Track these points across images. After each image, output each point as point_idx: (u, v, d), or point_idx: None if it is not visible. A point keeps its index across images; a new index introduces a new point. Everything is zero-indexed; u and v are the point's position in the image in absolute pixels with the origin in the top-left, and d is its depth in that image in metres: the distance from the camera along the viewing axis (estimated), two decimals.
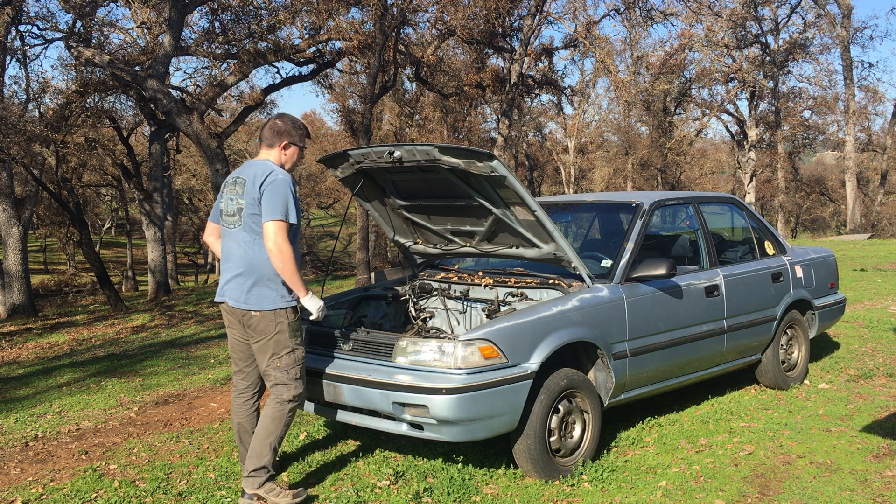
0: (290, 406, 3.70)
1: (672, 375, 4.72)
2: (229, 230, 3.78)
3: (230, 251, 3.76)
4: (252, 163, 3.81)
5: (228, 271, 3.76)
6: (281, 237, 3.58)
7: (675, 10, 23.61)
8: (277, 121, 3.82)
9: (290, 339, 3.69)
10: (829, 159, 41.59)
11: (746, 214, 5.70)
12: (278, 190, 3.61)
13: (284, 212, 3.60)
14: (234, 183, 3.79)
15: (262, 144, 3.83)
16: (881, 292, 9.81)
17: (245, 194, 3.68)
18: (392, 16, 15.65)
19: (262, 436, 3.68)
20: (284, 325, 3.67)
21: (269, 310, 3.65)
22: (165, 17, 14.90)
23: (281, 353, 3.68)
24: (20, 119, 13.47)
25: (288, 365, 3.69)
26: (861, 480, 3.82)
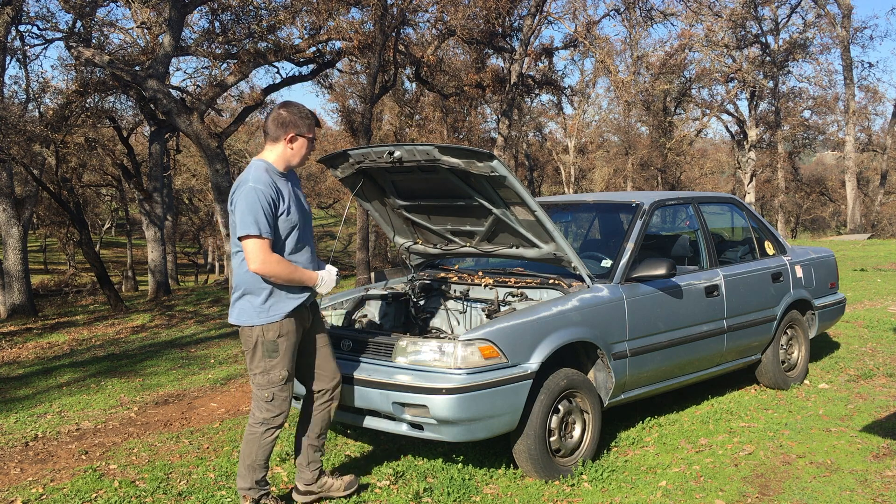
0: (263, 429, 3.53)
1: (672, 375, 4.72)
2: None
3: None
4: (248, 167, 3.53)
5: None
6: (262, 254, 3.34)
7: (675, 10, 23.64)
8: (281, 111, 3.50)
9: (263, 358, 3.45)
10: (829, 159, 41.60)
11: (746, 214, 5.70)
12: (245, 200, 3.34)
13: (256, 226, 3.32)
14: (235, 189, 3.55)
15: (266, 140, 3.54)
16: (881, 292, 9.81)
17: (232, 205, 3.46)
18: (392, 16, 15.65)
19: (244, 455, 3.58)
20: (258, 342, 3.45)
21: (245, 325, 3.47)
22: (165, 17, 14.90)
23: (255, 370, 3.50)
24: (20, 119, 13.48)
25: (260, 385, 3.49)
26: (861, 480, 3.82)
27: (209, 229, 33.74)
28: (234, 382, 6.60)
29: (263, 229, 3.33)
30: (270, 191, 3.38)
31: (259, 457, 3.55)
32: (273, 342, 3.45)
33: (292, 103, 3.57)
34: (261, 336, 3.44)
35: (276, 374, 3.48)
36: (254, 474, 3.55)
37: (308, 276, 3.50)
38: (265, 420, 3.53)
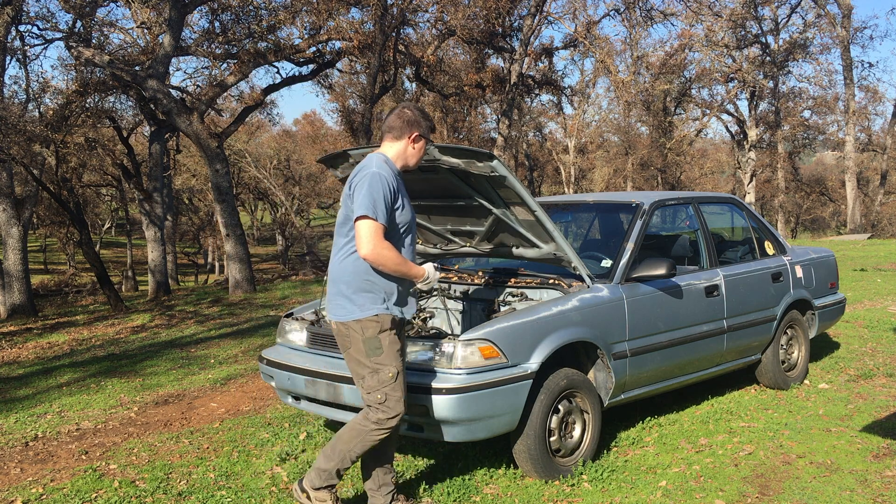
0: (374, 428, 3.33)
1: (672, 375, 4.72)
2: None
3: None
4: (365, 162, 3.41)
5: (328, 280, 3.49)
6: (375, 239, 3.20)
7: (675, 10, 23.65)
8: (406, 110, 3.43)
9: (369, 357, 3.30)
10: (829, 159, 41.60)
11: (746, 214, 5.70)
12: (368, 183, 3.23)
13: (373, 209, 3.19)
14: (348, 185, 3.41)
15: (387, 136, 3.45)
16: (881, 292, 9.81)
17: (344, 198, 3.36)
18: (392, 16, 15.66)
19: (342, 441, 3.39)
20: (362, 340, 3.29)
21: (341, 321, 3.33)
22: (165, 17, 14.91)
23: (363, 372, 3.33)
24: (20, 119, 13.48)
25: (371, 387, 3.31)
26: (861, 480, 3.82)
27: (209, 229, 33.76)
28: (234, 382, 6.60)
29: (381, 215, 3.20)
30: (393, 181, 3.30)
31: (358, 451, 3.38)
32: (376, 338, 3.30)
33: (416, 105, 3.56)
34: (360, 332, 3.31)
35: (386, 374, 3.31)
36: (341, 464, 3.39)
37: (416, 270, 3.38)
38: (379, 422, 3.34)
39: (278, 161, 38.23)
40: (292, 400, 4.42)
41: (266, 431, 4.87)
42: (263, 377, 4.61)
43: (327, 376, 4.06)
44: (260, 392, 6.14)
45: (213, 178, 15.94)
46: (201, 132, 15.39)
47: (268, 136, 40.36)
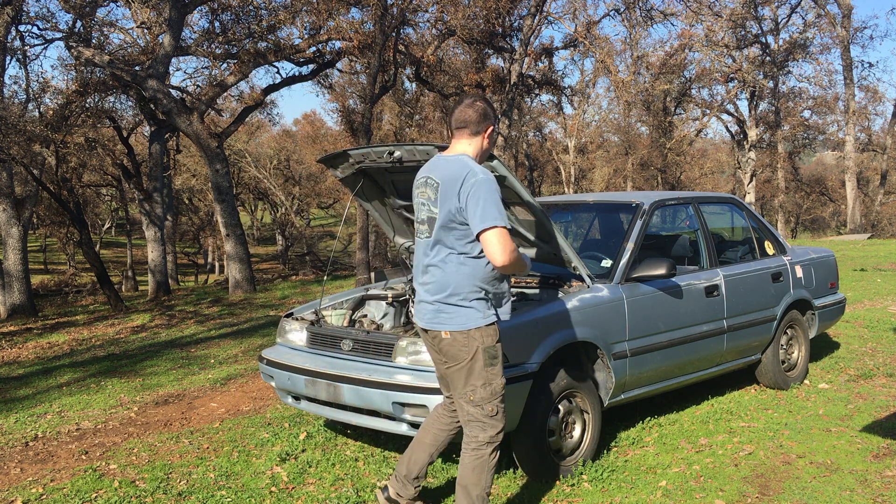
0: (490, 449, 3.16)
1: (672, 375, 4.72)
2: (420, 239, 3.28)
3: (420, 263, 3.27)
4: (444, 160, 3.23)
5: (419, 287, 3.28)
6: (509, 244, 3.03)
7: (675, 10, 23.63)
8: (478, 102, 3.24)
9: (485, 368, 3.14)
10: (829, 159, 41.60)
11: (746, 214, 5.70)
12: (487, 190, 3.04)
13: (501, 216, 3.03)
14: (424, 184, 3.24)
15: (463, 132, 3.23)
16: (881, 292, 9.81)
17: (439, 202, 3.12)
18: (392, 16, 15.65)
19: (465, 492, 3.17)
20: (479, 350, 3.13)
21: (458, 331, 3.12)
22: (165, 17, 14.91)
23: (475, 384, 3.15)
24: (20, 119, 13.48)
25: (483, 399, 3.15)
26: (861, 480, 3.82)
27: (209, 229, 33.75)
28: (234, 382, 6.60)
29: (505, 219, 3.06)
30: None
31: (489, 482, 3.17)
32: (493, 347, 3.15)
33: (483, 96, 3.39)
34: (480, 341, 3.12)
35: (499, 384, 3.18)
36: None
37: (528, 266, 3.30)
38: (491, 439, 3.16)
39: (278, 161, 38.24)
40: (292, 400, 4.42)
41: (266, 431, 4.87)
42: (263, 377, 4.62)
43: (327, 376, 4.06)
44: (260, 392, 6.14)
45: (213, 178, 15.95)
46: (201, 132, 15.39)
47: (268, 136, 40.37)
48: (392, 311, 4.92)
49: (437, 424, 3.47)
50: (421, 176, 3.29)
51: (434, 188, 3.17)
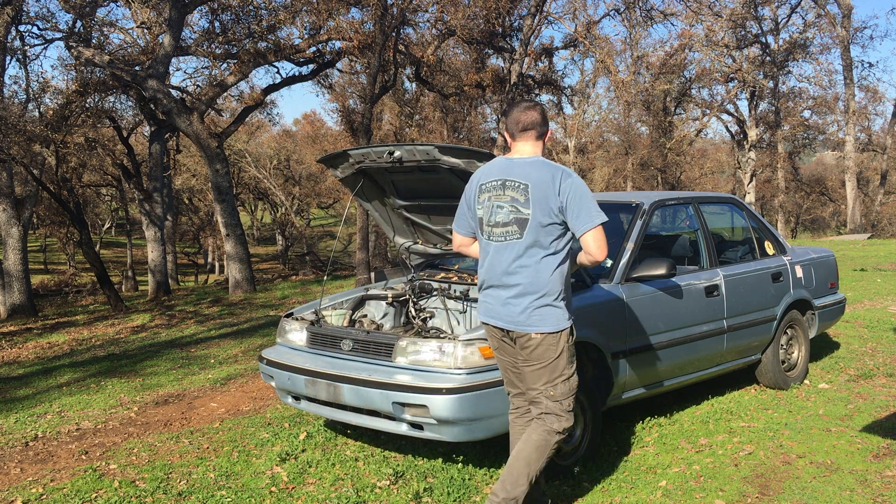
0: (558, 438, 3.28)
1: (672, 375, 4.72)
2: (499, 242, 3.28)
3: (499, 265, 3.27)
4: (521, 162, 3.27)
5: (500, 289, 3.28)
6: (605, 242, 3.21)
7: (675, 10, 23.63)
8: (538, 106, 3.33)
9: (568, 365, 3.28)
10: (829, 159, 41.59)
11: (746, 214, 5.70)
12: (584, 189, 3.19)
13: (601, 213, 3.19)
14: (501, 187, 3.26)
15: (529, 134, 3.29)
16: (881, 292, 9.81)
17: (532, 202, 3.17)
18: (392, 16, 15.65)
19: (523, 463, 3.23)
20: (565, 348, 3.26)
21: (550, 332, 3.22)
22: (165, 17, 14.92)
23: (556, 380, 3.25)
24: (20, 119, 13.49)
25: (563, 394, 3.27)
26: (861, 480, 3.82)
27: (209, 229, 33.76)
28: (234, 382, 6.60)
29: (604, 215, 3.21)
30: None
31: (542, 466, 3.27)
32: (572, 346, 3.30)
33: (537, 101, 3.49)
34: (566, 341, 3.25)
35: (574, 381, 3.32)
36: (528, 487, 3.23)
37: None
38: (563, 431, 3.28)
39: (278, 161, 38.23)
40: (292, 400, 4.42)
41: (266, 431, 4.87)
42: (263, 377, 4.62)
43: (327, 376, 4.06)
44: (260, 392, 6.14)
45: (213, 178, 15.95)
46: (201, 132, 15.39)
47: (268, 136, 40.36)
48: (392, 311, 4.92)
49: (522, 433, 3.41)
50: (492, 179, 3.29)
51: (521, 190, 3.21)
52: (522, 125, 3.29)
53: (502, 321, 3.30)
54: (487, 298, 3.36)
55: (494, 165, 3.36)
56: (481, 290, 3.40)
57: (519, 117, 3.30)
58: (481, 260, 3.39)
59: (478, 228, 3.38)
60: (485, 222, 3.32)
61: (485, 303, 3.38)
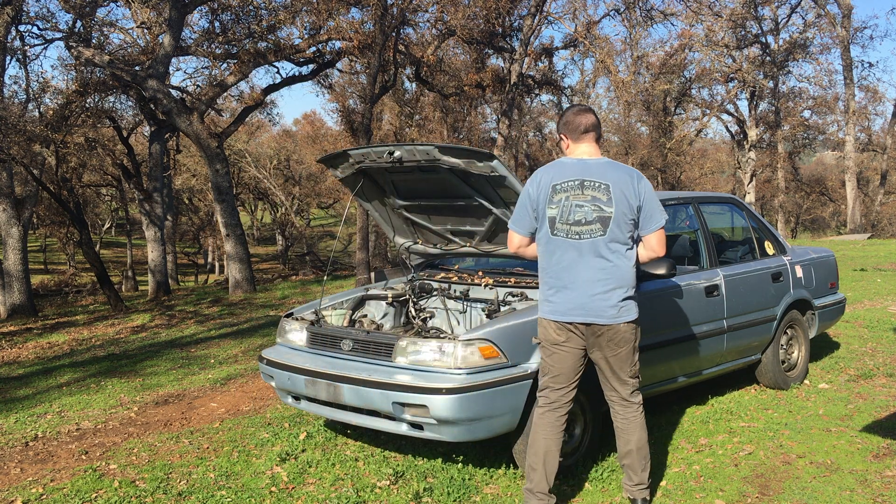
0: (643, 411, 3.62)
1: (672, 375, 4.72)
2: (577, 241, 3.37)
3: (582, 263, 3.38)
4: (592, 163, 3.42)
5: (586, 285, 3.37)
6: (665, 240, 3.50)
7: (675, 10, 23.62)
8: (593, 110, 3.55)
9: (636, 350, 3.56)
10: (829, 159, 41.58)
11: (746, 214, 5.70)
12: (654, 193, 3.44)
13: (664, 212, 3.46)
14: (579, 187, 3.36)
15: (590, 136, 3.46)
16: (881, 292, 9.81)
17: (615, 201, 3.33)
18: (392, 16, 15.65)
19: (645, 443, 3.56)
20: (638, 332, 3.52)
21: (634, 320, 3.45)
22: (165, 17, 14.92)
23: (636, 360, 3.53)
24: (20, 119, 13.49)
25: (637, 370, 3.57)
26: (861, 480, 3.82)
27: (209, 229, 33.75)
28: (234, 382, 6.60)
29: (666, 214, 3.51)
30: None
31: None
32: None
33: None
34: (637, 329, 3.51)
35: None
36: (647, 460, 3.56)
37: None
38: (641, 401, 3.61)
39: (278, 161, 38.23)
40: (292, 400, 4.42)
41: (266, 431, 4.87)
42: (263, 377, 4.62)
43: (327, 376, 4.06)
44: (260, 392, 6.14)
45: (213, 178, 15.95)
46: (201, 132, 15.39)
47: (268, 136, 40.36)
48: (392, 311, 4.92)
49: (552, 429, 3.50)
50: (568, 179, 3.39)
51: (602, 189, 3.36)
52: (584, 127, 3.45)
53: (588, 317, 3.40)
54: (561, 297, 3.42)
55: (566, 166, 3.43)
56: (550, 290, 3.45)
57: (579, 120, 3.45)
58: (548, 259, 3.45)
59: (545, 228, 3.43)
60: (558, 221, 3.39)
61: (558, 302, 3.43)
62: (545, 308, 3.48)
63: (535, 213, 3.45)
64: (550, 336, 3.47)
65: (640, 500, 3.56)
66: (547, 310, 3.47)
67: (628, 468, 3.57)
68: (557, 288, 3.43)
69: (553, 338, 3.47)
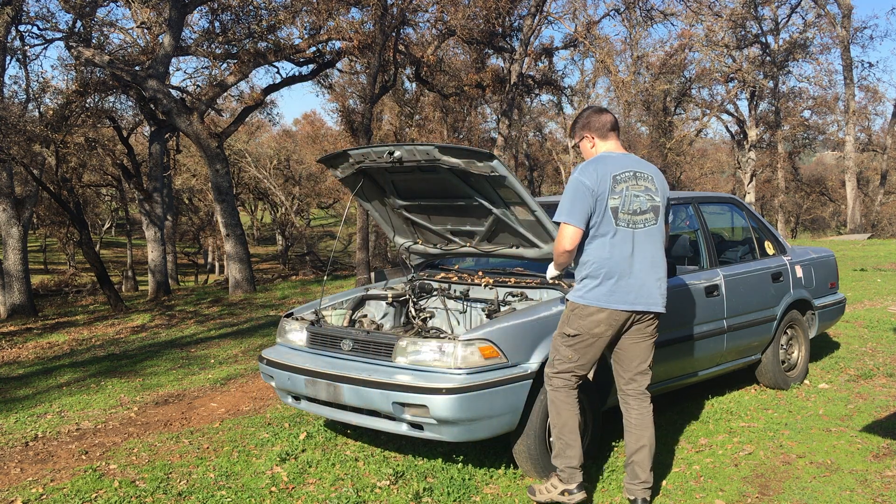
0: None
1: (671, 375, 4.72)
2: (636, 229, 3.52)
3: (645, 251, 3.53)
4: (633, 157, 3.66)
5: (642, 273, 3.51)
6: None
7: (675, 10, 23.60)
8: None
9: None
10: (829, 159, 41.58)
11: (746, 214, 5.70)
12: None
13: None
14: (634, 178, 3.54)
15: (614, 134, 3.66)
16: (881, 292, 9.81)
17: (659, 192, 3.59)
18: (392, 16, 15.65)
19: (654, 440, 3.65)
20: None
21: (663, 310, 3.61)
22: (165, 17, 14.92)
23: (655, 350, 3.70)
24: (20, 119, 13.49)
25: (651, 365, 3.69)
26: (861, 480, 3.82)
27: (209, 229, 33.75)
28: (234, 382, 6.60)
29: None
30: None
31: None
32: None
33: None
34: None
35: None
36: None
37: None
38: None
39: (278, 161, 38.23)
40: (292, 400, 4.42)
41: (266, 431, 4.87)
42: (263, 377, 4.62)
43: (327, 376, 4.06)
44: (260, 392, 6.14)
45: (213, 178, 15.95)
46: (201, 132, 15.39)
47: (268, 136, 40.36)
48: (392, 311, 4.92)
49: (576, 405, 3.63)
50: (625, 170, 3.54)
51: (650, 180, 3.59)
52: (610, 125, 3.64)
53: (641, 305, 3.52)
54: (622, 285, 3.49)
55: (616, 159, 3.58)
56: (609, 280, 3.48)
57: (605, 119, 3.64)
58: (609, 249, 3.48)
59: (608, 218, 3.48)
60: (620, 210, 3.50)
61: (615, 291, 3.48)
62: (605, 300, 3.49)
63: (594, 206, 3.47)
64: (598, 328, 3.52)
65: (641, 500, 3.57)
66: (607, 301, 3.49)
67: (636, 465, 3.58)
68: (618, 276, 3.48)
69: (597, 330, 3.52)
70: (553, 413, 3.62)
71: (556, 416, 3.60)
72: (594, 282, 3.50)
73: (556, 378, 3.62)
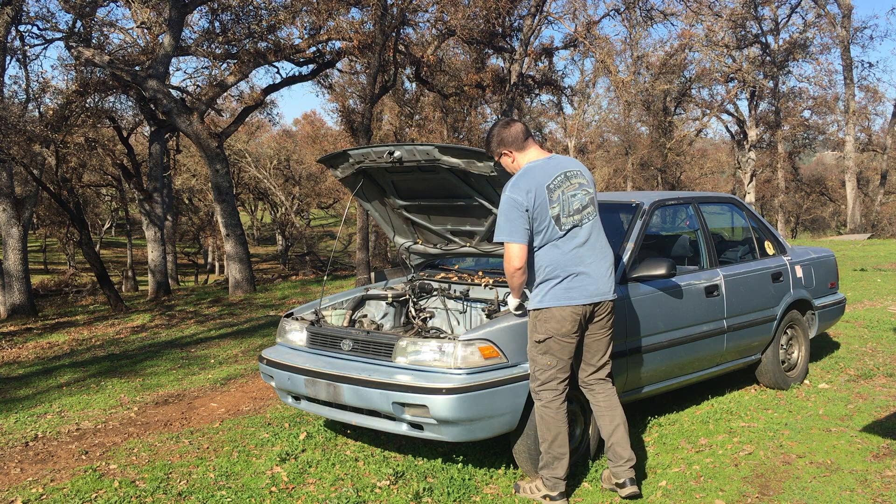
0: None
1: (672, 375, 4.72)
2: (581, 226, 3.63)
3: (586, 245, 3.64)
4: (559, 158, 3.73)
5: (594, 265, 3.63)
6: None
7: (675, 10, 23.63)
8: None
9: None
10: (829, 159, 41.58)
11: (746, 214, 5.69)
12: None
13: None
14: (565, 179, 3.62)
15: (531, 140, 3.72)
16: (881, 292, 9.81)
17: (589, 182, 3.71)
18: (392, 16, 15.65)
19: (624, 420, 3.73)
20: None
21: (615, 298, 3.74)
22: (165, 17, 14.92)
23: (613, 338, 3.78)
24: (20, 119, 13.47)
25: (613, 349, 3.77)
26: (861, 480, 3.82)
27: (209, 229, 33.76)
28: (234, 382, 6.60)
29: None
30: None
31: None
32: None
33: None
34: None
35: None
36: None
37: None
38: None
39: (278, 161, 38.22)
40: (292, 400, 4.42)
41: (266, 431, 4.87)
42: (263, 377, 4.62)
43: (327, 376, 4.06)
44: (260, 392, 6.14)
45: (213, 178, 15.95)
46: (201, 132, 15.39)
47: (268, 136, 40.35)
48: (392, 311, 4.92)
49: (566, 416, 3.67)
50: (555, 176, 3.60)
51: (580, 175, 3.69)
52: (523, 134, 3.69)
53: (599, 296, 3.64)
54: (578, 282, 3.59)
55: (543, 167, 3.62)
56: (566, 279, 3.58)
57: (515, 130, 3.69)
58: (559, 254, 3.58)
59: (551, 228, 3.57)
60: (562, 215, 3.59)
61: (571, 287, 3.58)
62: (564, 297, 3.57)
63: (532, 220, 3.55)
64: (565, 328, 3.58)
65: (629, 481, 3.62)
66: (566, 298, 3.56)
67: (617, 446, 3.67)
68: (574, 275, 3.59)
69: (567, 329, 3.58)
70: (542, 427, 3.65)
71: (546, 430, 3.64)
72: (551, 283, 3.59)
73: (544, 391, 3.63)
